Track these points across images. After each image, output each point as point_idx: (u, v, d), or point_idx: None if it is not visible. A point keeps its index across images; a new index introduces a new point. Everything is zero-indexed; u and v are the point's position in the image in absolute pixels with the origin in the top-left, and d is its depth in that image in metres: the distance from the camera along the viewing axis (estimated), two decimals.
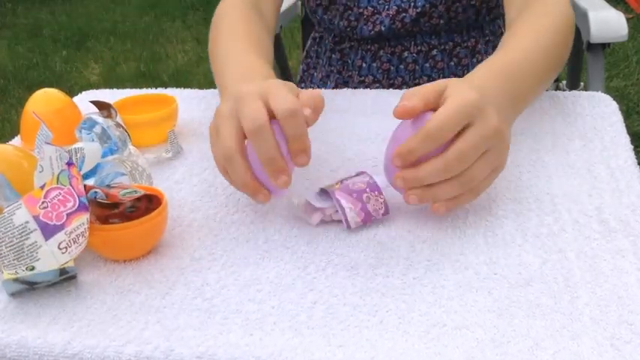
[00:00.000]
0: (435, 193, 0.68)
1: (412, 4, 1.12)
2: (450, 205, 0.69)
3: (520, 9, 0.92)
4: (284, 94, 0.68)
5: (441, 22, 1.13)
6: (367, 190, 0.72)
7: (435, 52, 1.16)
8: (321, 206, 0.72)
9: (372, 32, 1.15)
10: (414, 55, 1.16)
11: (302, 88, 1.32)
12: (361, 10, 1.15)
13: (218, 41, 0.95)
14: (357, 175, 0.74)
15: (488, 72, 0.76)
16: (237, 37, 0.93)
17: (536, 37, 0.84)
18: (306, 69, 1.33)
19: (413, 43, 1.16)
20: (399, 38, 1.16)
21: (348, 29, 1.18)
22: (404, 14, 1.13)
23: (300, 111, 0.67)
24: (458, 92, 0.67)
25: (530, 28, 0.86)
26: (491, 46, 1.20)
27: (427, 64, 1.16)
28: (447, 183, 0.67)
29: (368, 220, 0.71)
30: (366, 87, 1.20)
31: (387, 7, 1.14)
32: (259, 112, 0.67)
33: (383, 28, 1.14)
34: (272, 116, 0.68)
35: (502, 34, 1.23)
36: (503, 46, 0.83)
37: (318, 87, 1.28)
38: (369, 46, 1.19)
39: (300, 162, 0.69)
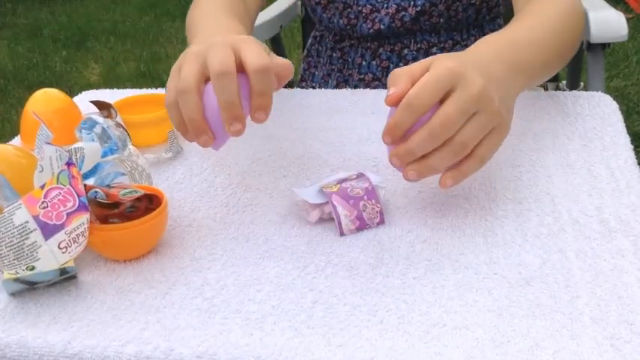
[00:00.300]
0: (431, 164, 0.67)
1: (412, 2, 1.12)
2: (455, 176, 0.67)
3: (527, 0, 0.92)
4: (257, 50, 0.69)
5: (441, 20, 1.13)
6: (365, 197, 0.72)
7: (434, 49, 1.16)
8: (316, 202, 0.72)
9: (372, 30, 1.15)
10: (414, 52, 1.16)
11: (303, 87, 1.32)
12: (360, 8, 1.15)
13: (195, 14, 0.96)
14: (357, 177, 0.74)
15: (484, 42, 0.76)
16: (218, 8, 0.94)
17: (542, 22, 0.84)
18: (307, 67, 1.33)
19: (412, 40, 1.16)
20: (398, 36, 1.16)
21: (348, 27, 1.18)
22: (403, 13, 1.13)
23: (270, 69, 0.68)
24: (438, 63, 0.66)
25: (537, 13, 0.85)
26: None
27: None
28: (439, 151, 0.66)
29: (362, 228, 0.71)
30: (366, 85, 1.20)
31: (386, 5, 1.14)
32: (228, 58, 0.68)
33: (382, 27, 1.14)
34: (240, 69, 0.68)
35: None
36: (511, 23, 0.83)
37: (320, 86, 1.28)
38: (368, 44, 1.19)
39: (259, 118, 0.69)
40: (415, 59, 1.16)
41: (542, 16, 0.85)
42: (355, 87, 1.21)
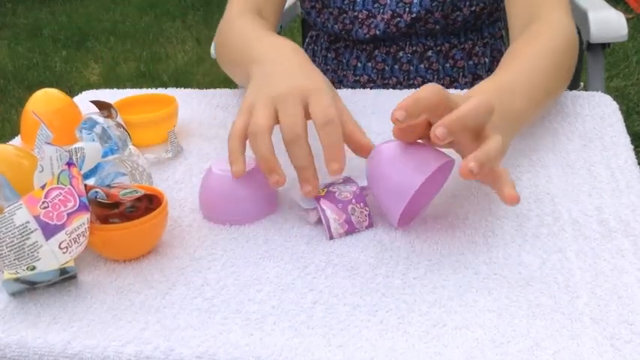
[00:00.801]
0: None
1: (407, 9, 1.12)
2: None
3: (524, 26, 0.91)
4: (325, 103, 0.72)
5: (437, 27, 1.13)
6: (353, 201, 0.72)
7: (430, 53, 1.16)
8: (307, 207, 0.72)
9: (367, 35, 1.15)
10: (409, 55, 1.16)
11: None
12: (356, 14, 1.15)
13: (232, 37, 0.97)
14: (344, 181, 0.74)
15: (475, 92, 0.75)
16: (252, 27, 0.96)
17: (533, 64, 0.84)
18: None
19: (408, 43, 1.16)
20: (394, 39, 1.16)
21: (343, 32, 1.18)
22: (399, 19, 1.12)
23: (337, 121, 0.71)
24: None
25: (529, 54, 0.85)
26: (490, 48, 1.19)
27: (422, 65, 1.16)
28: None
29: (351, 232, 0.71)
30: (362, 86, 1.20)
31: (382, 10, 1.13)
32: (297, 121, 0.71)
33: (378, 32, 1.14)
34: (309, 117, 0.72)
35: (502, 37, 1.22)
36: (503, 66, 0.83)
37: None
38: (364, 46, 1.18)
39: (333, 169, 0.70)
40: (410, 62, 1.16)
41: (535, 57, 0.84)
42: (355, 89, 1.21)
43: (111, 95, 1.06)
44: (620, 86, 2.81)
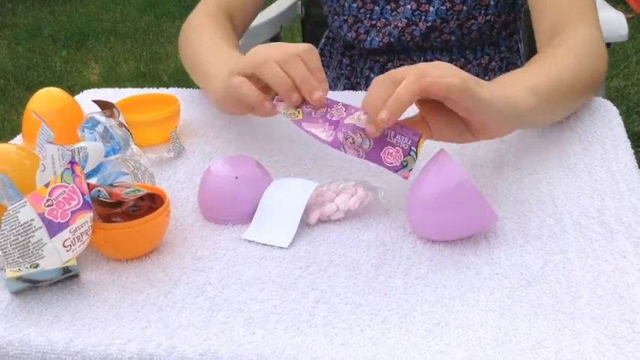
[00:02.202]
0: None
1: (423, 17, 1.10)
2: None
3: (551, 36, 0.91)
4: (292, 47, 0.79)
5: (452, 38, 1.11)
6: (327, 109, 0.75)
7: None
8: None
9: (382, 44, 1.14)
10: None
11: None
12: (374, 22, 1.13)
13: (193, 43, 1.03)
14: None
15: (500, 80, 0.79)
16: (213, 39, 1.01)
17: (553, 59, 0.84)
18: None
19: (422, 58, 1.14)
20: (408, 52, 1.15)
21: (355, 41, 1.16)
22: (414, 27, 1.11)
23: (314, 48, 0.79)
24: None
25: (551, 52, 0.86)
26: (506, 63, 1.18)
27: None
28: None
29: (344, 131, 0.71)
30: None
31: (397, 17, 1.12)
32: (284, 49, 0.78)
33: (392, 39, 1.12)
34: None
35: (518, 50, 1.20)
36: (524, 68, 0.84)
37: (330, 88, 1.27)
38: (377, 57, 1.17)
39: (324, 87, 0.77)
40: None
41: (551, 56, 0.85)
42: (357, 91, 1.20)
43: (112, 94, 1.07)
44: (620, 86, 2.81)
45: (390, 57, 1.16)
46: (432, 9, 1.09)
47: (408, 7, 1.10)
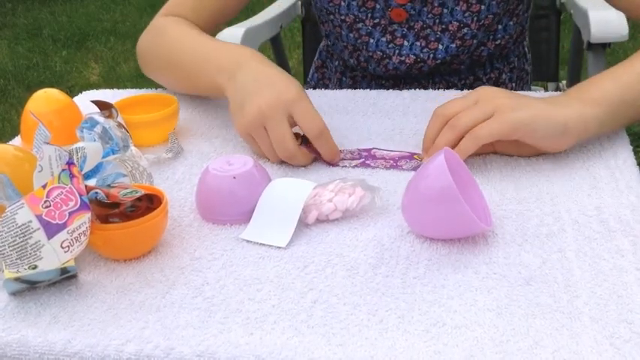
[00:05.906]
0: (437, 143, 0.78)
1: (432, 55, 1.07)
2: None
3: None
4: (311, 114, 0.81)
5: (462, 67, 1.09)
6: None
7: (454, 89, 1.10)
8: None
9: (386, 73, 1.11)
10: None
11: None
12: (370, 54, 1.10)
13: (169, 42, 1.04)
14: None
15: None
16: (198, 33, 1.02)
17: None
18: (320, 78, 1.27)
19: (431, 82, 1.11)
20: (418, 78, 1.11)
21: (359, 68, 1.13)
22: (422, 64, 1.08)
23: (326, 129, 0.82)
24: None
25: None
26: (517, 72, 1.16)
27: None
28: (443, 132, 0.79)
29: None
30: None
31: (397, 51, 1.08)
32: (288, 142, 0.81)
33: (399, 73, 1.09)
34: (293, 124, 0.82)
35: (525, 54, 1.19)
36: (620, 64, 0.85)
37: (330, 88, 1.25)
38: (382, 82, 1.13)
39: (336, 160, 0.84)
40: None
41: None
42: (355, 89, 1.19)
43: (111, 95, 1.07)
44: None
45: (397, 82, 1.13)
46: (441, 47, 1.06)
47: (417, 43, 1.07)
